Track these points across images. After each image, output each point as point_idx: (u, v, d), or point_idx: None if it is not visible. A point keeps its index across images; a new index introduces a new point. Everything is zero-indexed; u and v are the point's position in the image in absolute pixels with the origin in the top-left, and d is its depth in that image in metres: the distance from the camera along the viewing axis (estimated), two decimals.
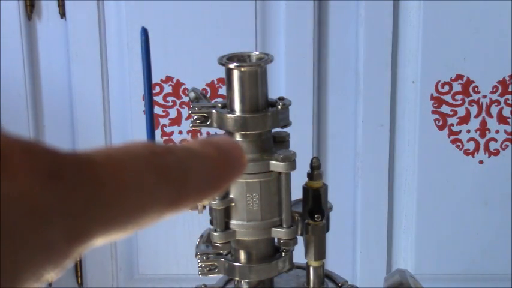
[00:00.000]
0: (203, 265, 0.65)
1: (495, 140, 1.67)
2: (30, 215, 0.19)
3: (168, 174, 0.23)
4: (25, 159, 0.20)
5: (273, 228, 0.63)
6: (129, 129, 1.67)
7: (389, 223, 1.72)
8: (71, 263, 0.21)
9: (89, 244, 0.22)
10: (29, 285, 0.20)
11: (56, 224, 0.20)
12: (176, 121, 1.67)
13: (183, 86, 1.64)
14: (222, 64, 0.60)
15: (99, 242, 0.22)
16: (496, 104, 1.65)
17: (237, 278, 0.65)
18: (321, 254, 0.65)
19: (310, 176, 0.64)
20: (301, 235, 0.64)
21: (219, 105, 0.62)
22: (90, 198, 0.21)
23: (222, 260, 0.65)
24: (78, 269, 1.76)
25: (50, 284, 1.76)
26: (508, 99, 1.64)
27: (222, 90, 1.63)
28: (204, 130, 1.41)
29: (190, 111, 0.62)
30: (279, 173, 0.61)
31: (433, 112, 1.65)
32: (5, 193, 0.19)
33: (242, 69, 0.60)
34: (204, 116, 0.62)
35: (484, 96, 1.64)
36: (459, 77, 1.63)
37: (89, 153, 0.22)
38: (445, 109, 1.65)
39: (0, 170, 0.19)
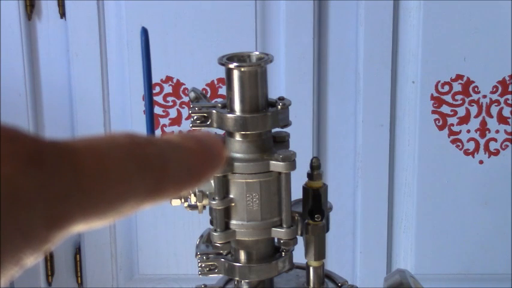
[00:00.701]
0: (203, 265, 0.65)
1: (495, 140, 1.67)
2: (9, 200, 0.20)
3: (148, 164, 0.24)
4: (5, 145, 0.20)
5: (273, 228, 0.63)
6: (129, 129, 1.67)
7: (389, 223, 1.72)
8: (50, 248, 0.21)
9: (69, 230, 0.22)
10: (8, 269, 0.20)
11: (36, 209, 0.20)
12: (176, 121, 1.67)
13: (183, 86, 1.64)
14: (222, 64, 0.60)
15: (79, 228, 0.22)
16: (496, 104, 1.65)
17: (237, 278, 0.65)
18: (321, 254, 0.65)
19: (310, 176, 0.64)
20: (301, 235, 0.64)
21: (219, 105, 0.62)
22: (70, 185, 0.21)
23: (222, 260, 0.65)
24: (78, 269, 1.76)
25: (49, 284, 1.76)
26: (508, 99, 1.64)
27: (222, 90, 1.63)
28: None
29: (190, 111, 0.62)
30: (279, 173, 0.61)
31: (433, 112, 1.65)
32: None
33: (242, 69, 0.60)
34: (204, 116, 0.62)
35: (484, 96, 1.64)
36: (459, 77, 1.63)
37: (70, 141, 0.22)
38: (445, 109, 1.65)
39: None
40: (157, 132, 1.65)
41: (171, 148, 0.25)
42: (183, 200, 0.63)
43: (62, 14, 1.62)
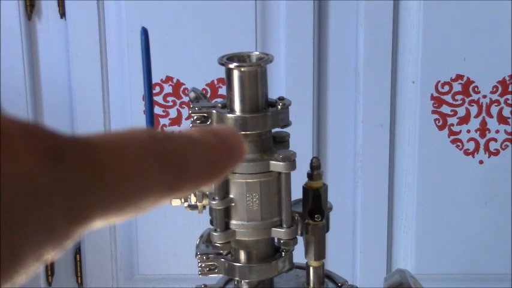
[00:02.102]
0: (203, 265, 0.65)
1: (495, 140, 1.67)
2: (30, 196, 0.20)
3: (167, 160, 0.24)
4: (26, 141, 0.20)
5: (273, 228, 0.63)
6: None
7: (389, 223, 1.72)
8: (71, 244, 0.22)
9: (89, 226, 0.22)
10: (29, 264, 0.20)
11: (56, 205, 0.20)
12: (176, 121, 1.67)
13: (183, 86, 1.64)
14: (222, 64, 0.60)
15: (99, 224, 0.22)
16: (496, 104, 1.65)
17: (237, 278, 0.65)
18: (321, 254, 0.65)
19: (310, 176, 0.64)
20: (301, 235, 0.64)
21: (219, 105, 0.62)
22: (90, 181, 0.21)
23: (222, 260, 0.65)
24: (78, 269, 1.76)
25: (49, 284, 1.76)
26: (508, 99, 1.64)
27: (222, 90, 1.63)
28: None
29: (190, 111, 0.62)
30: (279, 173, 0.61)
31: (433, 112, 1.65)
32: (6, 173, 0.19)
33: (242, 69, 0.60)
34: (204, 116, 0.62)
35: (484, 96, 1.64)
36: (459, 77, 1.63)
37: (90, 137, 0.22)
38: (445, 109, 1.65)
39: (2, 151, 0.19)
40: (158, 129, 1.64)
41: (190, 143, 0.25)
42: (183, 200, 0.63)
43: (62, 14, 1.62)
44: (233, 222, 0.62)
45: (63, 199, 0.21)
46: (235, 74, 0.60)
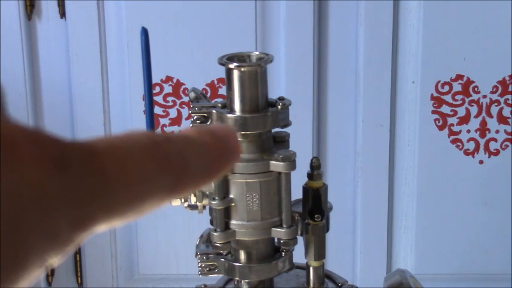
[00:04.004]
0: (203, 265, 0.65)
1: (495, 140, 1.67)
2: (36, 203, 0.20)
3: (168, 163, 0.24)
4: (32, 148, 0.20)
5: (273, 228, 0.63)
6: (130, 129, 1.66)
7: (389, 223, 1.72)
8: (73, 249, 0.22)
9: (91, 231, 0.22)
10: (33, 270, 0.20)
11: (62, 212, 0.21)
12: (176, 121, 1.67)
13: (183, 86, 1.64)
14: (222, 64, 0.60)
15: (101, 228, 0.23)
16: (496, 104, 1.65)
17: (237, 278, 0.65)
18: (321, 254, 0.65)
19: (310, 176, 0.64)
20: (301, 235, 0.64)
21: (219, 105, 0.62)
22: (95, 187, 0.22)
23: (222, 260, 0.65)
24: (78, 269, 1.76)
25: (49, 284, 1.76)
26: (508, 99, 1.64)
27: (222, 90, 1.63)
28: None
29: (190, 111, 0.62)
30: (279, 173, 0.61)
31: (433, 112, 1.65)
32: (12, 181, 0.19)
33: (242, 69, 0.60)
34: (204, 116, 0.62)
35: (484, 96, 1.64)
36: (459, 77, 1.63)
37: (93, 142, 0.23)
38: (445, 109, 1.65)
39: (8, 159, 0.20)
40: (157, 132, 1.64)
41: (189, 145, 0.25)
42: (183, 200, 0.63)
43: (62, 14, 1.62)
44: (233, 222, 0.62)
45: (68, 207, 0.21)
46: (235, 74, 0.60)
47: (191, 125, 0.62)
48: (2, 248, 0.19)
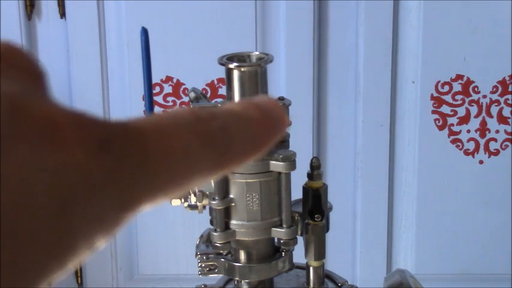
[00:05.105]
0: (203, 265, 0.65)
1: (495, 140, 1.67)
2: (81, 186, 0.20)
3: (212, 140, 0.24)
4: (75, 131, 0.21)
5: (273, 228, 0.63)
6: None
7: (389, 223, 1.72)
8: (120, 230, 0.22)
9: (137, 211, 0.22)
10: (82, 252, 0.21)
11: (107, 194, 0.21)
12: None
13: (183, 86, 1.64)
14: (222, 64, 0.60)
15: (145, 208, 0.23)
16: (496, 104, 1.65)
17: (237, 278, 0.65)
18: (321, 254, 0.65)
19: (310, 176, 0.64)
20: (301, 235, 0.64)
21: (219, 105, 0.62)
22: (139, 169, 0.22)
23: (222, 260, 0.65)
24: (78, 269, 1.76)
25: (49, 284, 1.76)
26: (508, 99, 1.64)
27: (222, 90, 1.63)
28: None
29: None
30: (279, 173, 0.61)
31: (433, 112, 1.65)
32: (57, 164, 0.20)
33: (242, 69, 0.60)
34: None
35: (484, 96, 1.64)
36: (459, 77, 1.63)
37: (136, 121, 0.23)
38: (445, 109, 1.65)
39: (53, 141, 0.20)
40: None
41: (234, 120, 0.25)
42: (183, 200, 0.63)
43: (62, 14, 1.62)
44: (233, 222, 0.62)
45: (113, 189, 0.21)
46: (235, 74, 0.60)
47: None
48: (52, 231, 0.19)
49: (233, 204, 0.62)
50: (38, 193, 0.19)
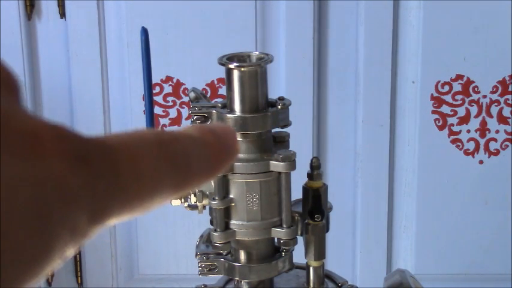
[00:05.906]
0: (203, 265, 0.65)
1: (495, 140, 1.67)
2: (60, 196, 0.21)
3: (175, 162, 0.25)
4: (56, 143, 0.21)
5: (273, 228, 0.63)
6: (131, 129, 1.66)
7: (389, 223, 1.72)
8: (88, 241, 0.23)
9: (106, 224, 0.23)
10: (54, 261, 0.21)
11: (82, 205, 0.22)
12: (176, 121, 1.67)
13: (183, 86, 1.64)
14: (222, 64, 0.60)
15: (113, 222, 0.24)
16: (496, 104, 1.65)
17: (237, 278, 0.65)
18: (321, 254, 0.65)
19: (310, 176, 0.64)
20: (301, 235, 0.64)
21: (219, 105, 0.62)
22: (111, 184, 0.23)
23: (222, 260, 0.65)
24: (78, 269, 1.76)
25: (49, 284, 1.76)
26: (508, 99, 1.64)
27: (222, 90, 1.63)
28: None
29: (190, 111, 0.62)
30: (279, 173, 0.61)
31: (433, 112, 1.65)
32: (37, 175, 0.20)
33: (242, 69, 0.60)
34: (204, 116, 0.62)
35: (484, 96, 1.64)
36: (459, 77, 1.63)
37: (107, 139, 0.24)
38: (445, 109, 1.65)
39: (33, 152, 0.20)
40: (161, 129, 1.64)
41: (192, 143, 0.27)
42: (183, 200, 0.63)
43: (62, 14, 1.62)
44: (233, 222, 0.62)
45: (88, 200, 0.22)
46: (235, 74, 0.60)
47: (191, 125, 0.62)
48: (31, 239, 0.20)
49: (233, 204, 0.62)
50: (21, 202, 0.20)
